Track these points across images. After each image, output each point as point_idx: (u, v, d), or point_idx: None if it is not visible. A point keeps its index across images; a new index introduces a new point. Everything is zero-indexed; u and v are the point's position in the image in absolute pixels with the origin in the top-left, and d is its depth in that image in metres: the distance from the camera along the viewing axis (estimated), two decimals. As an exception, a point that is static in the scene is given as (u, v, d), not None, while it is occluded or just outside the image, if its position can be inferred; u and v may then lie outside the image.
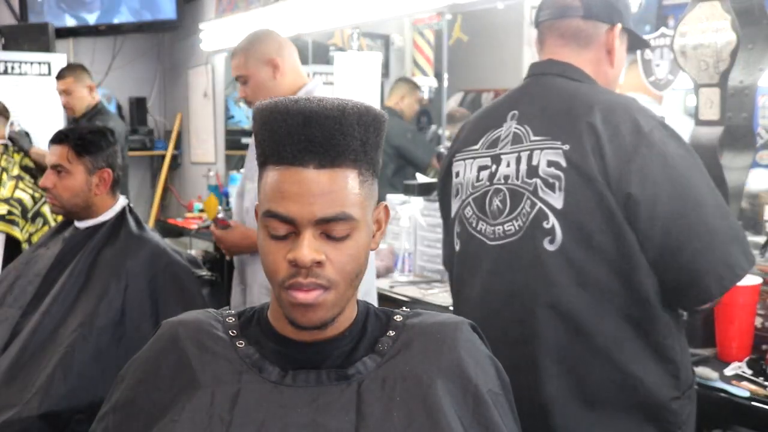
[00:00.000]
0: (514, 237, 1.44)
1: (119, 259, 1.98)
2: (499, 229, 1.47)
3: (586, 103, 1.40)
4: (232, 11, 4.90)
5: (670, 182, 1.33)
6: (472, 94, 5.07)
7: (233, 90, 5.36)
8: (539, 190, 1.41)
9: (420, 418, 0.91)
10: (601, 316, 1.37)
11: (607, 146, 1.35)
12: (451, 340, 0.99)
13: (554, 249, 1.38)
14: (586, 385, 1.39)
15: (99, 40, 5.65)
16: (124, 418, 0.97)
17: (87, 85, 3.70)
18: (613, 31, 1.49)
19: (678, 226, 1.33)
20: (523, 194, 1.43)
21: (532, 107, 1.49)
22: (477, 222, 1.53)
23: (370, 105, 0.93)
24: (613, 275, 1.36)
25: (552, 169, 1.40)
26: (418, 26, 4.79)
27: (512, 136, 1.49)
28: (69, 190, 2.04)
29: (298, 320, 0.92)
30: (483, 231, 1.51)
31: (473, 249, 1.54)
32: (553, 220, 1.39)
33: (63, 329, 1.89)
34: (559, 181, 1.39)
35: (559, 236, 1.38)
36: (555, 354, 1.40)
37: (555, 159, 1.39)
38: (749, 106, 1.94)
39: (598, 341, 1.37)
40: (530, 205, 1.42)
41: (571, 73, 1.48)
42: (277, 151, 0.89)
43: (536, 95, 1.50)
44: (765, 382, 1.63)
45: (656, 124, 1.38)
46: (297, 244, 0.88)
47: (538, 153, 1.42)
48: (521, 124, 1.48)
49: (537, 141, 1.44)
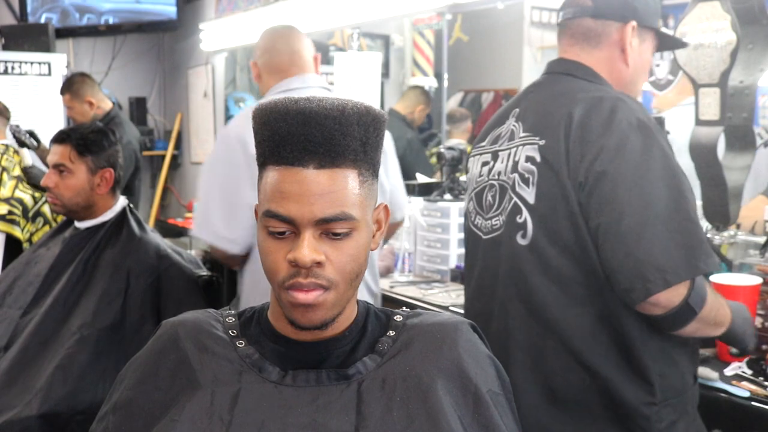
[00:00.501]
0: (498, 232, 1.49)
1: (120, 260, 1.98)
2: (488, 223, 1.52)
3: (573, 98, 1.40)
4: (232, 11, 4.90)
5: (618, 174, 1.30)
6: (472, 94, 5.07)
7: (233, 90, 5.36)
8: (516, 185, 1.44)
9: (420, 418, 0.91)
10: (570, 313, 1.38)
11: (573, 134, 1.35)
12: (451, 340, 0.99)
13: (526, 243, 1.41)
14: (554, 381, 1.40)
15: (99, 40, 5.64)
16: (124, 418, 0.97)
17: (86, 101, 3.65)
18: (625, 28, 1.47)
19: (611, 221, 1.29)
20: (506, 189, 1.47)
21: (530, 105, 1.51)
22: (475, 216, 1.58)
23: (370, 105, 0.94)
24: (579, 271, 1.36)
25: (528, 164, 1.42)
26: (418, 26, 4.79)
27: (509, 133, 1.52)
28: (71, 190, 2.04)
29: (298, 320, 0.92)
30: (479, 225, 1.56)
31: (472, 243, 1.61)
32: (525, 214, 1.41)
33: (64, 330, 1.89)
34: (532, 175, 1.41)
35: (530, 231, 1.40)
36: (525, 348, 1.42)
37: (531, 154, 1.42)
38: (749, 106, 1.94)
39: (567, 338, 1.38)
40: (508, 200, 1.46)
41: (577, 72, 1.48)
42: (277, 151, 0.89)
43: (537, 93, 1.52)
44: (765, 382, 1.62)
45: (635, 119, 1.34)
46: (297, 245, 0.88)
47: (521, 149, 1.45)
48: (517, 121, 1.51)
49: (523, 137, 1.46)
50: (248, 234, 1.88)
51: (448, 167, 2.92)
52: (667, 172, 1.32)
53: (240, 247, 1.91)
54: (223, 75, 5.31)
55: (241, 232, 1.88)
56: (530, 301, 1.41)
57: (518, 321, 1.44)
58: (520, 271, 1.42)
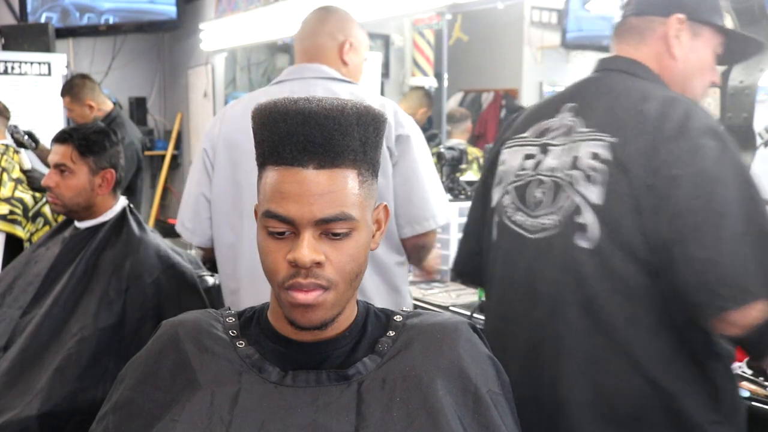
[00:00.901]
0: (550, 231, 1.38)
1: (120, 260, 1.98)
2: (537, 222, 1.41)
3: (641, 96, 1.35)
4: (232, 11, 4.90)
5: (691, 181, 1.23)
6: (472, 94, 5.08)
7: (233, 90, 5.36)
8: (577, 182, 1.34)
9: (420, 418, 0.91)
10: (635, 322, 1.28)
11: (646, 134, 1.28)
12: (451, 340, 0.99)
13: (588, 246, 1.31)
14: (611, 395, 1.30)
15: (99, 40, 5.65)
16: (124, 418, 0.97)
17: (86, 104, 3.64)
18: (668, 21, 1.41)
19: (683, 231, 1.22)
20: (563, 187, 1.37)
21: (589, 100, 1.43)
22: (515, 212, 1.46)
23: (369, 105, 0.93)
24: (646, 279, 1.27)
25: (594, 162, 1.33)
26: (418, 26, 4.79)
27: (564, 127, 1.43)
28: (72, 190, 2.04)
29: (298, 320, 0.92)
30: (521, 223, 1.44)
31: (508, 241, 1.47)
32: (588, 215, 1.31)
33: (64, 331, 1.89)
34: (600, 174, 1.31)
35: (594, 233, 1.30)
36: (580, 357, 1.32)
37: (598, 151, 1.33)
38: (749, 106, 1.94)
39: (630, 350, 1.28)
40: (566, 198, 1.36)
41: (632, 69, 1.43)
42: (277, 151, 0.89)
43: (594, 88, 1.45)
44: (765, 382, 1.63)
45: (709, 124, 1.28)
46: (297, 245, 0.88)
47: (583, 144, 1.36)
48: (576, 116, 1.42)
49: (585, 132, 1.38)
50: (205, 225, 1.89)
51: (448, 167, 2.92)
52: (741, 181, 1.24)
53: (199, 238, 1.92)
54: (223, 75, 5.31)
55: (198, 224, 1.89)
56: (590, 308, 1.30)
57: (574, 328, 1.32)
58: (580, 275, 1.31)
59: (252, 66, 5.47)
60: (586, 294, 1.31)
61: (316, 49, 1.90)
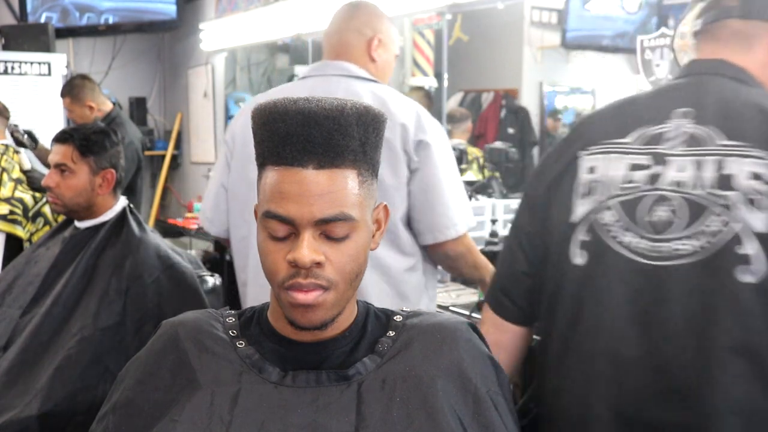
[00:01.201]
0: (689, 259, 1.18)
1: (120, 260, 1.98)
2: (665, 246, 1.21)
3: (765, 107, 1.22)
4: (232, 11, 4.90)
5: None
6: (472, 94, 5.08)
7: (233, 90, 5.36)
8: (737, 206, 1.16)
9: (420, 418, 0.92)
10: None
11: None
12: (451, 340, 0.99)
13: (752, 280, 1.14)
14: None
15: (99, 40, 5.65)
16: (124, 418, 0.97)
17: (86, 105, 3.64)
18: None
19: None
20: (709, 208, 1.19)
21: (711, 107, 1.26)
22: (623, 233, 1.25)
23: (369, 105, 0.94)
24: None
25: (756, 183, 1.16)
26: (418, 26, 4.79)
27: (687, 136, 1.25)
28: (72, 190, 2.04)
29: (298, 321, 0.92)
30: (635, 246, 1.23)
31: (608, 266, 1.25)
32: (753, 244, 1.15)
33: (64, 331, 1.89)
34: (766, 197, 1.15)
35: (761, 266, 1.14)
36: (738, 410, 1.14)
37: (760, 171, 1.17)
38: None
39: None
40: (721, 223, 1.17)
41: (741, 76, 1.30)
42: (276, 151, 0.89)
43: (712, 95, 1.28)
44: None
45: None
46: (297, 245, 0.88)
47: (733, 161, 1.19)
48: (702, 125, 1.25)
49: (730, 147, 1.20)
50: (223, 216, 1.92)
51: (448, 167, 2.91)
52: None
53: (216, 228, 1.94)
54: (223, 75, 5.31)
55: (217, 215, 1.93)
56: (752, 352, 1.14)
57: (730, 374, 1.14)
58: (743, 316, 1.14)
59: (252, 66, 5.47)
60: (744, 335, 1.15)
61: (343, 45, 1.85)
